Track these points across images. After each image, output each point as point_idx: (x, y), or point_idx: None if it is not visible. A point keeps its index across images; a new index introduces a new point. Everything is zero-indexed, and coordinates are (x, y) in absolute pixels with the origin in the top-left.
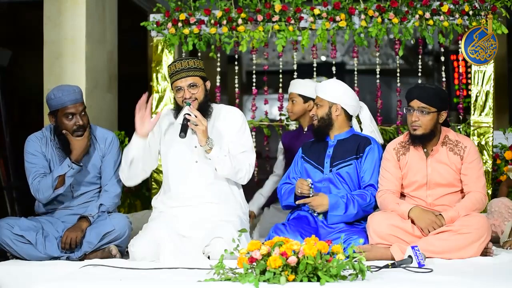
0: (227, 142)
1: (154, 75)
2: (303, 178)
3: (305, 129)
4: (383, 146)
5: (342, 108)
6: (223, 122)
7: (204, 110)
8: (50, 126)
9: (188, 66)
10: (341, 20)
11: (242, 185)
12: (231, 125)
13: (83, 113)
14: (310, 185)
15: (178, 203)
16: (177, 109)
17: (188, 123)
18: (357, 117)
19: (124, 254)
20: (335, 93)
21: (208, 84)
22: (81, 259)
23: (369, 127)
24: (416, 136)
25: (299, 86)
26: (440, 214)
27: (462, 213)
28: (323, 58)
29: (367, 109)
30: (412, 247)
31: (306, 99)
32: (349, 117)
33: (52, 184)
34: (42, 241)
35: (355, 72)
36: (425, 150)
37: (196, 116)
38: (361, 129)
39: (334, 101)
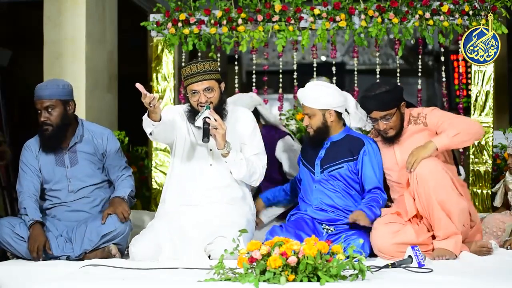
0: (239, 143)
1: (154, 75)
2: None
3: None
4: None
5: (335, 111)
6: (237, 124)
7: (220, 113)
8: None
9: (204, 69)
10: (341, 20)
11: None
12: (244, 127)
13: (49, 110)
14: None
15: (189, 203)
16: (192, 111)
17: (209, 127)
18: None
19: (124, 253)
20: (325, 99)
21: (223, 85)
22: (81, 258)
23: (356, 115)
24: (390, 137)
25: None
26: (430, 141)
27: (451, 133)
28: (323, 58)
29: (351, 97)
30: (412, 247)
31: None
32: (340, 115)
33: (20, 210)
34: None
35: (355, 72)
36: None
37: (216, 120)
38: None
39: (326, 107)
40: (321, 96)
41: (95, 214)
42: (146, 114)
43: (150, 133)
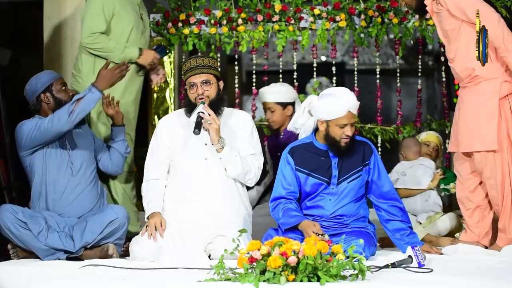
0: (237, 143)
1: None
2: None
3: (282, 134)
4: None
5: None
6: (235, 123)
7: (215, 108)
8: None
9: (203, 64)
10: (341, 20)
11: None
12: (242, 127)
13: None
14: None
15: (185, 202)
16: (189, 105)
17: (202, 120)
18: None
19: (120, 253)
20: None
21: (221, 84)
22: (80, 256)
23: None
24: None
25: (274, 95)
26: None
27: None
28: (323, 58)
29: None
30: (412, 247)
31: (283, 105)
32: None
33: (69, 108)
34: (44, 232)
35: (355, 72)
36: None
37: (209, 115)
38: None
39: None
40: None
41: (94, 209)
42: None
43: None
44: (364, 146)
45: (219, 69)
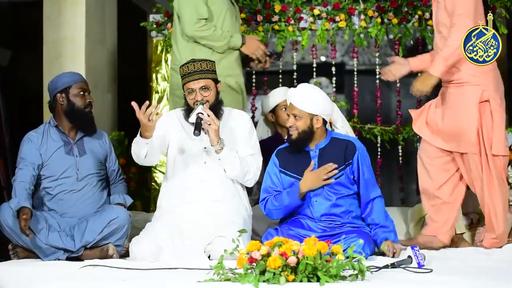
0: (236, 144)
1: (154, 75)
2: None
3: (286, 137)
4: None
5: (322, 118)
6: (233, 124)
7: (215, 112)
8: (50, 120)
9: (201, 69)
10: (340, 20)
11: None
12: (241, 128)
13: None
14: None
15: (184, 203)
16: (188, 109)
17: (202, 121)
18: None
19: (121, 254)
20: (317, 104)
21: (219, 86)
22: (80, 256)
23: (342, 129)
24: None
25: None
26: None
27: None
28: (323, 59)
29: (338, 110)
30: (412, 247)
31: None
32: (325, 123)
33: (9, 203)
34: (45, 231)
35: (355, 73)
36: None
37: (209, 116)
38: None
39: (316, 113)
40: (313, 99)
41: (95, 211)
42: (139, 134)
43: (145, 156)
44: (347, 144)
45: (216, 71)
